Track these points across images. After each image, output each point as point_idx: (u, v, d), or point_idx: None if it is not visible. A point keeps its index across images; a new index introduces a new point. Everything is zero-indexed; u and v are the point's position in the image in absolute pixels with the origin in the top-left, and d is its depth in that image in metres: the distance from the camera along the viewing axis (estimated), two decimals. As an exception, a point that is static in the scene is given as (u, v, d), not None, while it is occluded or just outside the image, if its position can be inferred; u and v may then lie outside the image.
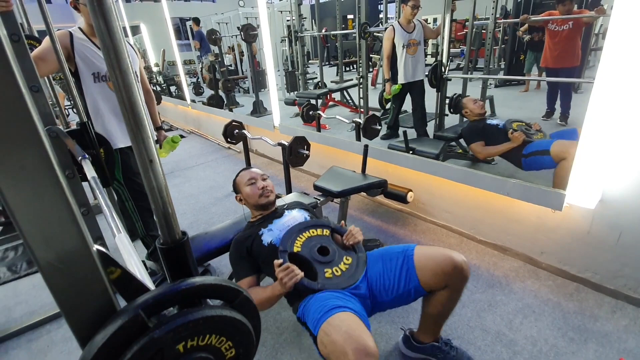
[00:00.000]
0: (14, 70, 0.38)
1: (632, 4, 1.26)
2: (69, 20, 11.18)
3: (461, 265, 1.13)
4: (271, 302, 1.19)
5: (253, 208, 1.49)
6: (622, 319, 1.49)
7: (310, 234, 1.30)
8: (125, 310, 0.47)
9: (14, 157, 0.39)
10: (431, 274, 1.15)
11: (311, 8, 10.72)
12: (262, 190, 1.44)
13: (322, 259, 1.22)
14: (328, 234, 1.33)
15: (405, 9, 2.98)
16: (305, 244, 1.26)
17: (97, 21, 0.41)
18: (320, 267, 1.20)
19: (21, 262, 2.24)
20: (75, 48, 1.59)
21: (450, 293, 1.17)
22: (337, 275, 1.19)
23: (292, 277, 1.10)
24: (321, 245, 1.26)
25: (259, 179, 1.48)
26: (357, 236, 1.30)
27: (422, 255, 1.19)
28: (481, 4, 3.64)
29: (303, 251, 1.23)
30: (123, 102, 0.46)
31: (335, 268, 1.21)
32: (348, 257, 1.26)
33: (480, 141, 2.30)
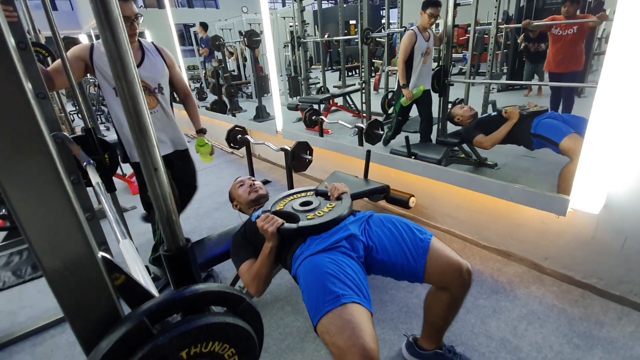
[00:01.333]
0: (22, 78, 0.39)
1: (635, 9, 1.26)
2: (75, 27, 11.33)
3: (465, 275, 1.12)
4: (266, 266, 1.17)
5: (247, 207, 1.55)
6: (628, 326, 1.48)
7: (294, 197, 1.34)
8: (130, 317, 0.48)
9: (21, 163, 0.40)
10: (438, 270, 1.12)
11: (314, 14, 10.79)
12: (250, 187, 1.55)
13: (304, 208, 1.23)
14: (312, 195, 1.35)
15: (423, 16, 2.89)
16: (288, 204, 1.29)
17: (104, 33, 0.42)
18: (303, 215, 1.20)
19: (26, 266, 2.25)
20: (95, 62, 1.58)
21: (450, 300, 1.16)
22: (320, 216, 1.17)
23: (273, 222, 1.11)
24: (304, 200, 1.28)
25: (247, 180, 1.60)
26: (341, 188, 1.31)
27: (437, 248, 1.15)
28: (483, 9, 3.65)
29: (285, 208, 1.25)
30: (129, 111, 0.46)
31: (317, 212, 1.20)
32: (332, 203, 1.25)
33: (480, 133, 2.30)
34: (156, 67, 1.67)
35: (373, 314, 0.98)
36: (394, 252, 1.15)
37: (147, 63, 1.64)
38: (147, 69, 1.63)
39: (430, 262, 1.12)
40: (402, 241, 1.16)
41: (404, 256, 1.14)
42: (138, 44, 1.65)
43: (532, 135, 2.05)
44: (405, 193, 2.19)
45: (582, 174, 1.53)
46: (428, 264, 1.12)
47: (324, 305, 0.94)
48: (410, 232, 1.18)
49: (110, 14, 0.42)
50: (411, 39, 2.94)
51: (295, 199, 1.33)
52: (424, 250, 1.13)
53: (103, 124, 7.14)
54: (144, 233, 2.61)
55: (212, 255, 1.59)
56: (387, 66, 5.25)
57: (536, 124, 2.05)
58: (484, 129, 2.28)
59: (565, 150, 1.87)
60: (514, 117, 2.07)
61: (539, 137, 2.02)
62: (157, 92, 1.68)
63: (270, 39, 3.23)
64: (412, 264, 1.13)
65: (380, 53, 7.73)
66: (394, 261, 1.14)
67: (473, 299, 1.69)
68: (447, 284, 1.14)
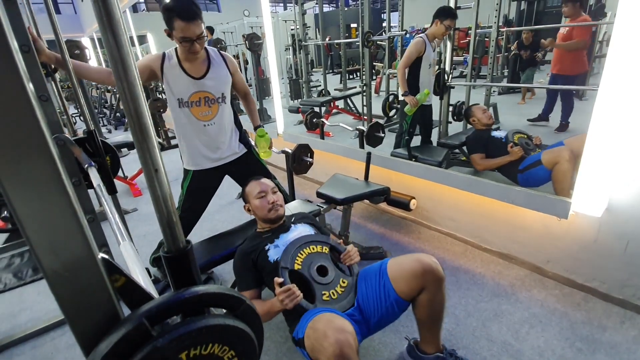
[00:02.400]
0: (24, 80, 0.39)
1: (636, 11, 1.26)
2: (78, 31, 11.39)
3: (429, 265, 1.16)
4: (269, 317, 1.23)
5: (261, 220, 1.49)
6: (631, 329, 1.47)
7: (310, 250, 1.34)
8: (129, 318, 0.47)
9: (22, 165, 0.40)
10: (404, 281, 1.19)
11: (315, 17, 10.83)
12: (272, 205, 1.43)
13: (320, 280, 1.26)
14: (327, 252, 1.36)
15: (438, 26, 2.60)
16: (305, 260, 1.30)
17: (106, 35, 0.42)
18: (319, 289, 1.24)
19: (27, 268, 2.25)
20: (165, 72, 1.58)
21: (429, 295, 1.19)
22: (334, 298, 1.23)
23: (293, 298, 1.14)
24: (320, 265, 1.30)
25: (269, 192, 1.47)
26: (354, 257, 1.34)
27: (393, 266, 1.24)
28: (484, 12, 3.66)
29: (303, 269, 1.27)
30: (130, 113, 0.46)
31: (332, 291, 1.24)
32: (344, 280, 1.30)
33: (482, 153, 2.31)
34: (220, 76, 1.65)
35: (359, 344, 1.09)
36: (377, 307, 1.22)
37: (212, 73, 1.62)
38: (211, 79, 1.62)
39: (396, 284, 1.21)
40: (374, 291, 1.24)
41: (383, 303, 1.22)
42: (205, 54, 1.63)
43: (518, 172, 2.11)
44: (406, 195, 2.19)
45: (584, 177, 1.52)
46: (396, 287, 1.20)
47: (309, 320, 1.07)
48: (373, 277, 1.27)
49: (112, 16, 0.42)
50: (419, 47, 2.66)
51: (312, 253, 1.33)
52: (386, 281, 1.22)
53: (105, 126, 7.17)
54: (145, 235, 2.62)
55: (213, 257, 1.59)
56: (388, 69, 5.26)
57: (525, 161, 2.11)
58: (487, 149, 2.30)
59: (548, 160, 1.94)
60: (513, 157, 2.13)
61: (525, 170, 2.08)
62: (220, 101, 1.67)
63: (271, 42, 3.25)
64: (390, 300, 1.21)
65: (381, 56, 7.75)
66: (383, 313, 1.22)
67: (474, 302, 1.68)
68: (421, 285, 1.19)
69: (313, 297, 1.22)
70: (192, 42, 1.46)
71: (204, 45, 1.54)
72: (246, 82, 1.90)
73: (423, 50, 2.66)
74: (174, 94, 1.60)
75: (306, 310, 1.17)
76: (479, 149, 2.33)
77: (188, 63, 1.60)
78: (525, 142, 2.18)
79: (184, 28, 1.41)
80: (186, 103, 1.61)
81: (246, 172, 1.79)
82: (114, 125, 7.15)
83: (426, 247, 2.18)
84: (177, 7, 1.39)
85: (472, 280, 1.82)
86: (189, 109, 1.62)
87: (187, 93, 1.60)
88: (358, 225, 2.51)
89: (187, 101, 1.61)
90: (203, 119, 1.65)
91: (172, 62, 1.59)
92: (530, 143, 2.20)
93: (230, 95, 1.74)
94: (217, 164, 1.76)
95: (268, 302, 1.21)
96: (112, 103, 7.43)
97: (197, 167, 1.74)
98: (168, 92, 1.61)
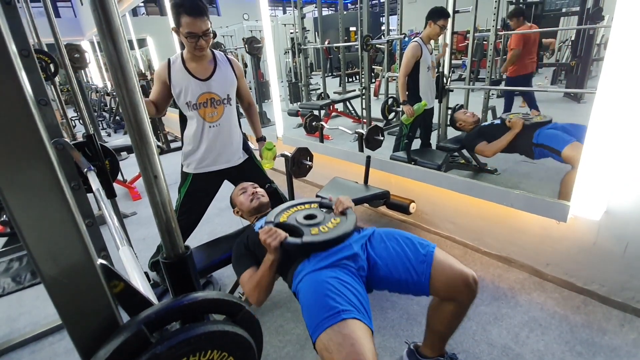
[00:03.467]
0: (22, 85, 0.39)
1: (633, 15, 1.27)
2: (78, 34, 11.41)
3: (472, 284, 1.11)
4: (267, 277, 1.16)
5: (248, 214, 1.52)
6: (630, 333, 1.46)
7: (298, 208, 1.30)
8: (128, 325, 0.47)
9: (20, 170, 0.40)
10: (444, 281, 1.11)
11: (314, 21, 10.89)
12: (252, 195, 1.52)
13: (308, 222, 1.20)
14: (316, 207, 1.32)
15: (432, 27, 2.61)
16: (292, 215, 1.25)
17: (105, 42, 0.42)
18: (307, 229, 1.16)
19: (25, 272, 2.25)
20: (172, 78, 1.59)
21: (456, 308, 1.15)
22: (324, 231, 1.15)
23: (276, 236, 1.09)
24: (308, 213, 1.25)
25: (249, 187, 1.57)
26: (346, 202, 1.27)
27: (441, 259, 1.14)
28: (482, 16, 3.68)
29: (289, 220, 1.22)
30: (129, 119, 0.47)
31: (322, 227, 1.17)
32: (336, 218, 1.22)
33: (483, 141, 2.29)
34: (227, 77, 1.67)
35: (374, 332, 0.97)
36: (397, 268, 1.14)
37: (218, 74, 1.64)
38: (217, 80, 1.63)
39: (434, 275, 1.11)
40: (405, 257, 1.15)
41: (407, 272, 1.13)
42: (211, 55, 1.65)
43: (534, 145, 2.05)
44: (406, 199, 2.19)
45: (583, 180, 1.53)
46: (432, 276, 1.11)
47: (323, 321, 0.93)
48: (412, 246, 1.17)
49: (111, 24, 0.42)
50: (416, 51, 2.65)
51: (299, 210, 1.30)
52: (428, 264, 1.12)
53: (104, 129, 7.16)
54: (144, 239, 2.61)
55: (212, 261, 1.59)
56: (387, 72, 5.28)
57: (538, 134, 2.05)
58: (486, 136, 2.28)
59: (568, 158, 1.87)
60: (516, 127, 2.06)
61: (541, 147, 2.02)
62: (226, 102, 1.68)
63: (271, 45, 3.26)
64: (416, 279, 1.12)
65: (380, 59, 7.77)
66: (398, 277, 1.13)
67: (474, 305, 1.66)
68: (453, 294, 1.13)
69: (301, 235, 1.14)
70: (198, 37, 1.48)
71: (210, 43, 1.55)
72: (250, 93, 1.90)
73: (420, 54, 2.66)
74: (183, 98, 1.61)
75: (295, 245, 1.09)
76: (477, 140, 2.32)
77: (193, 64, 1.60)
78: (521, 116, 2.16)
79: (190, 23, 1.44)
80: (194, 105, 1.62)
81: (246, 177, 1.78)
82: (113, 128, 7.15)
83: (426, 250, 2.18)
84: (185, 2, 1.43)
85: (471, 284, 1.82)
86: (197, 111, 1.63)
87: (195, 95, 1.61)
88: (357, 228, 2.51)
89: (196, 103, 1.62)
90: (210, 120, 1.66)
91: (177, 65, 1.60)
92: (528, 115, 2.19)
93: (235, 98, 1.75)
94: (220, 167, 1.76)
95: (260, 266, 1.16)
96: (112, 106, 7.43)
97: (197, 170, 1.74)
98: (176, 96, 1.61)
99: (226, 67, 1.69)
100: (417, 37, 2.74)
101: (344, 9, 6.63)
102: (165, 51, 7.40)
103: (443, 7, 2.62)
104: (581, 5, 4.83)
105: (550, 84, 5.96)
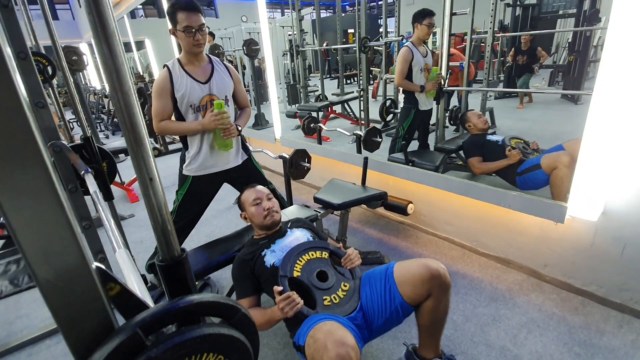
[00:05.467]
0: (17, 88, 0.39)
1: (629, 16, 1.28)
2: (76, 37, 11.41)
3: (437, 271, 1.15)
4: (270, 325, 1.21)
5: (257, 227, 1.49)
6: (629, 334, 1.47)
7: (309, 256, 1.32)
8: (123, 328, 0.47)
9: (15, 173, 0.40)
10: (411, 286, 1.18)
11: (312, 23, 10.90)
12: (267, 212, 1.43)
13: (320, 285, 1.24)
14: (327, 257, 1.35)
15: (420, 28, 2.65)
16: (304, 267, 1.28)
17: (101, 45, 0.42)
18: (319, 294, 1.22)
19: (23, 275, 2.24)
20: (174, 84, 1.59)
21: (434, 302, 1.18)
22: (335, 302, 1.21)
23: (293, 306, 1.12)
24: (320, 270, 1.28)
25: (264, 198, 1.48)
26: (355, 261, 1.32)
27: (400, 270, 1.23)
28: (479, 18, 3.70)
29: (302, 276, 1.25)
30: (124, 122, 0.47)
31: (333, 295, 1.23)
32: (346, 283, 1.28)
33: (479, 156, 2.31)
34: (224, 80, 1.70)
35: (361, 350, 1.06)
36: (381, 310, 1.21)
37: (216, 76, 1.67)
38: (216, 82, 1.66)
39: (402, 289, 1.19)
40: (379, 295, 1.22)
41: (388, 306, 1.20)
42: (207, 59, 1.68)
43: (517, 175, 2.12)
44: (403, 200, 2.19)
45: (580, 181, 1.53)
46: (402, 292, 1.19)
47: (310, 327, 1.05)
48: (378, 280, 1.25)
49: (106, 27, 0.42)
50: (407, 56, 2.69)
51: (311, 259, 1.31)
52: (393, 285, 1.21)
53: (102, 132, 7.16)
54: (142, 241, 2.60)
55: (210, 263, 1.58)
56: (385, 74, 5.29)
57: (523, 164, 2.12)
58: (484, 152, 2.31)
59: (547, 165, 1.94)
60: (512, 160, 2.13)
61: (524, 173, 2.09)
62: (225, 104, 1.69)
63: (269, 47, 3.26)
64: (395, 305, 1.20)
65: (378, 61, 7.79)
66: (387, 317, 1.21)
67: (472, 307, 1.68)
68: (427, 292, 1.17)
69: (314, 302, 1.20)
70: (194, 32, 1.51)
71: (206, 40, 1.57)
72: (247, 95, 1.90)
73: (411, 58, 2.71)
74: (186, 101, 1.61)
75: (307, 316, 1.15)
76: (475, 152, 2.34)
77: (192, 67, 1.62)
78: (522, 146, 2.19)
79: (186, 18, 1.49)
80: (197, 108, 1.64)
81: (245, 179, 1.79)
82: (111, 130, 7.15)
83: (424, 251, 2.18)
84: (180, 1, 1.51)
85: (470, 285, 1.82)
86: (199, 114, 1.64)
87: (198, 98, 1.62)
88: (355, 230, 2.51)
89: (198, 106, 1.63)
90: None
91: (176, 70, 1.61)
92: (528, 147, 2.21)
93: (232, 100, 1.77)
94: (220, 169, 1.76)
95: (268, 311, 1.20)
96: (110, 109, 7.42)
97: (198, 173, 1.74)
98: (179, 99, 1.61)
99: (223, 71, 1.72)
100: (408, 41, 2.80)
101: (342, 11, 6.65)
102: (164, 53, 7.40)
103: (424, 7, 2.65)
104: (578, 7, 4.86)
105: (548, 86, 5.98)
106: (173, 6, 1.51)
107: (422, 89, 2.74)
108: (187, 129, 1.62)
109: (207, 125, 1.58)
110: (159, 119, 1.61)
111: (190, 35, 1.51)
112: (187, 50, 1.58)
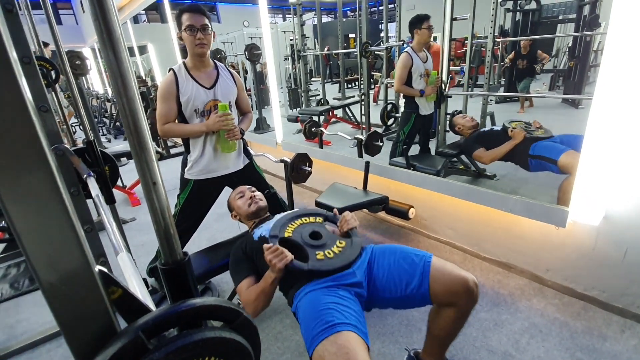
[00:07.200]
0: (23, 92, 0.39)
1: (629, 21, 1.29)
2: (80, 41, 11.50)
3: (472, 288, 1.11)
4: (267, 293, 1.15)
5: (246, 219, 1.52)
6: (631, 339, 1.46)
7: (302, 221, 1.28)
8: (126, 331, 0.47)
9: (20, 176, 0.40)
10: (443, 288, 1.12)
11: (314, 28, 10.98)
12: (250, 200, 1.51)
13: (313, 243, 1.18)
14: (321, 222, 1.30)
15: (420, 33, 2.66)
16: (296, 230, 1.23)
17: (106, 51, 0.43)
18: (312, 250, 1.15)
19: (23, 279, 2.24)
20: (180, 88, 1.60)
21: (457, 314, 1.15)
22: (330, 257, 1.15)
23: (282, 258, 1.08)
24: (313, 230, 1.23)
25: (247, 191, 1.57)
26: (352, 222, 1.27)
27: (438, 267, 1.16)
28: (480, 22, 3.72)
29: (294, 236, 1.20)
30: (128, 127, 0.47)
31: (327, 250, 1.16)
32: (342, 241, 1.21)
33: (481, 147, 2.29)
34: (228, 86, 1.72)
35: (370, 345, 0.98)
36: (397, 287, 1.15)
37: (221, 82, 1.69)
38: (221, 87, 1.68)
39: (433, 284, 1.12)
40: (403, 272, 1.16)
41: (406, 288, 1.14)
42: (213, 64, 1.70)
43: (530, 157, 2.05)
44: (405, 204, 2.19)
45: (581, 186, 1.53)
46: (432, 286, 1.12)
47: (319, 334, 0.94)
48: (409, 260, 1.19)
49: (112, 33, 0.43)
50: (406, 62, 2.69)
51: (303, 223, 1.27)
52: (425, 274, 1.13)
53: (104, 135, 7.19)
54: (143, 244, 2.61)
55: (211, 267, 1.58)
56: (386, 79, 5.31)
57: (535, 145, 2.06)
58: (485, 142, 2.28)
59: (564, 166, 1.88)
60: (517, 138, 2.05)
61: (538, 158, 2.01)
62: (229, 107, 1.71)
63: (271, 52, 3.28)
64: (416, 291, 1.13)
65: (379, 66, 7.82)
66: (399, 295, 1.15)
67: (474, 311, 1.65)
68: (454, 300, 1.13)
69: (306, 258, 1.13)
70: (197, 31, 1.53)
71: (210, 43, 1.59)
72: (249, 102, 1.92)
73: (410, 64, 2.71)
74: (191, 105, 1.63)
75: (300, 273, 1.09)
76: (476, 146, 2.32)
77: (197, 72, 1.64)
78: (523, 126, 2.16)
79: (189, 18, 1.53)
80: (202, 112, 1.65)
81: (246, 182, 1.79)
82: (113, 134, 7.17)
83: (425, 256, 2.17)
84: (186, 5, 1.56)
85: (471, 290, 1.81)
86: (204, 118, 1.66)
87: (203, 103, 1.64)
88: (357, 234, 2.51)
89: (203, 110, 1.65)
90: None
91: (182, 74, 1.62)
92: (530, 126, 2.18)
93: (235, 105, 1.79)
94: (221, 173, 1.77)
95: (261, 280, 1.15)
96: (112, 112, 7.46)
97: (200, 177, 1.74)
98: (184, 103, 1.62)
99: (228, 77, 1.74)
100: (408, 47, 2.80)
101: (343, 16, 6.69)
102: (167, 58, 7.44)
103: (418, 14, 2.68)
104: (578, 12, 4.88)
105: (549, 90, 6.00)
106: (180, 10, 1.56)
107: (422, 94, 2.76)
108: (191, 130, 1.63)
109: (212, 126, 1.59)
110: (163, 122, 1.61)
111: (192, 34, 1.53)
112: (190, 50, 1.60)
